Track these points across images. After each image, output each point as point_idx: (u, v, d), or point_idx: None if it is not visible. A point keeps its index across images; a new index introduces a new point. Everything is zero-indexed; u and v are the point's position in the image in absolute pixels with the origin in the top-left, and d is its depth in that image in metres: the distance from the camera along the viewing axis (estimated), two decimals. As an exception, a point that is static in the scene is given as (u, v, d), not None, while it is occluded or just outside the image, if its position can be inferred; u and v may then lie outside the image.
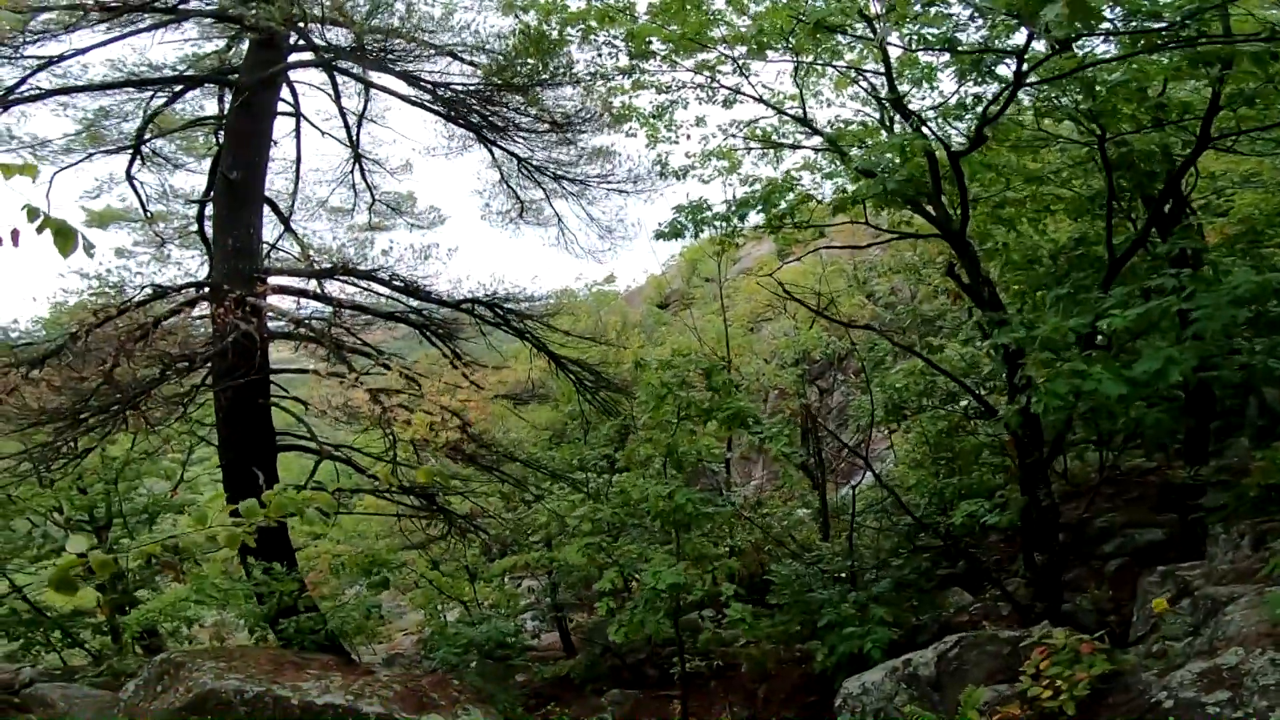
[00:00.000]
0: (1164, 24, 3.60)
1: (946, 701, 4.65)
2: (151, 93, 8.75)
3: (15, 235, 2.01)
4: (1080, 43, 4.75)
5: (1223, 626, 3.85)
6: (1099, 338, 5.20)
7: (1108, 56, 4.42)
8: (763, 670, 8.20)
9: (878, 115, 6.78)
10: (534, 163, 9.94)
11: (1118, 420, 7.06)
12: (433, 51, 8.31)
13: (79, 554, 2.37)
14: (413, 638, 12.10)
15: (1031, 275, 7.39)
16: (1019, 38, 4.17)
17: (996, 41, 4.37)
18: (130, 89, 8.40)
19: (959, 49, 4.46)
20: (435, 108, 9.07)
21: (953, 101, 5.27)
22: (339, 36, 8.43)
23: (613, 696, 8.63)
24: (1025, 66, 4.38)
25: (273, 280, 8.54)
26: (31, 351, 7.63)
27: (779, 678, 8.13)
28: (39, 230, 1.99)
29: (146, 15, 7.61)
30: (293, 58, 8.62)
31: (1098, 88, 4.56)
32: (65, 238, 1.99)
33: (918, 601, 7.94)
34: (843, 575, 8.10)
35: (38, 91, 7.67)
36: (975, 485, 8.33)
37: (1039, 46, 4.54)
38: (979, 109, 5.09)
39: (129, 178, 9.37)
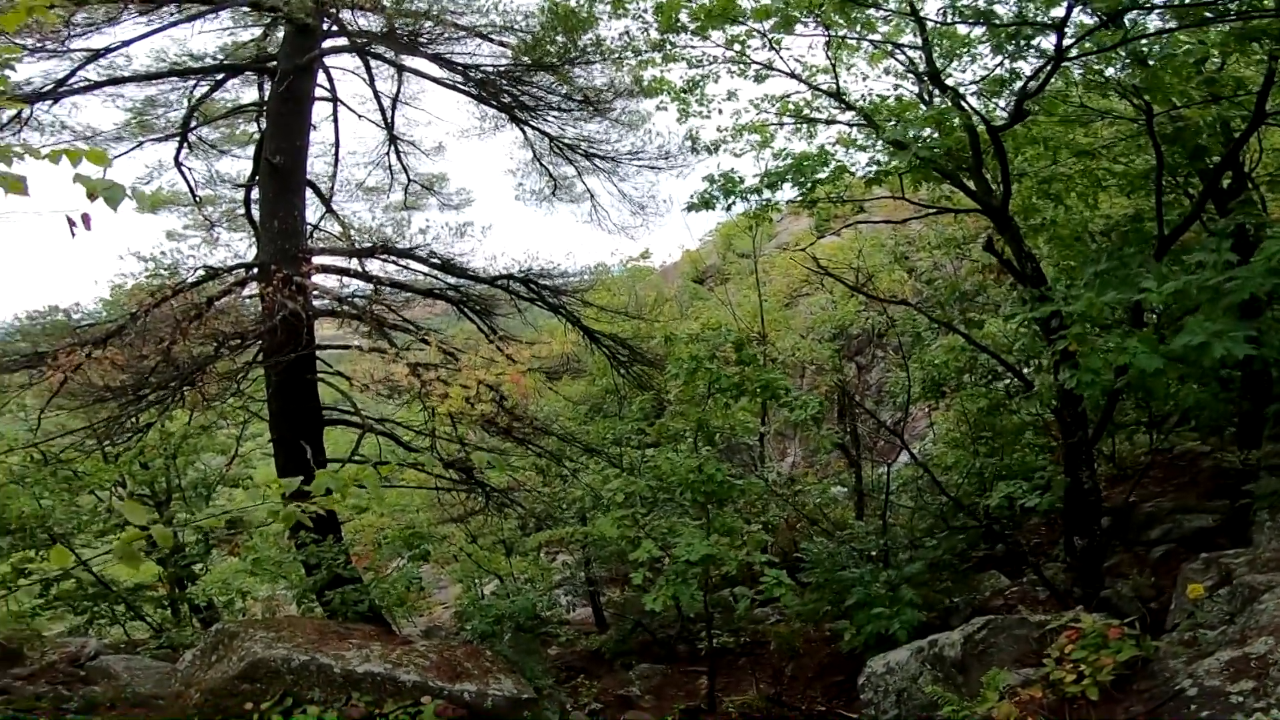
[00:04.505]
0: (1214, -4, 3.38)
1: (970, 684, 4.60)
2: (194, 82, 8.97)
3: (87, 219, 2.10)
4: (1132, 15, 4.50)
5: (1256, 615, 3.75)
6: (1147, 314, 4.99)
7: (1152, 30, 4.17)
8: (791, 648, 8.22)
9: (915, 90, 6.55)
10: (565, 141, 9.91)
11: (1165, 400, 6.81)
12: (462, 33, 8.31)
13: (141, 527, 2.48)
14: (451, 610, 12.49)
15: (1080, 251, 7.11)
16: (1059, 10, 3.96)
17: (1036, 14, 4.14)
18: (174, 78, 8.64)
19: (994, 22, 4.26)
20: (467, 89, 9.08)
21: (991, 76, 5.04)
22: (370, 21, 8.50)
23: (641, 670, 8.78)
24: (1066, 40, 4.16)
25: (317, 260, 8.73)
26: (94, 331, 7.93)
27: (806, 656, 8.16)
28: (90, 197, 2.04)
29: (185, 6, 7.79)
30: (327, 44, 8.71)
31: (1150, 62, 4.31)
32: (113, 197, 2.07)
33: (952, 583, 7.84)
34: (874, 554, 8.04)
35: (87, 83, 7.93)
36: (1015, 466, 8.11)
37: (1085, 19, 4.32)
38: (1017, 84, 4.87)
39: (177, 164, 9.68)
